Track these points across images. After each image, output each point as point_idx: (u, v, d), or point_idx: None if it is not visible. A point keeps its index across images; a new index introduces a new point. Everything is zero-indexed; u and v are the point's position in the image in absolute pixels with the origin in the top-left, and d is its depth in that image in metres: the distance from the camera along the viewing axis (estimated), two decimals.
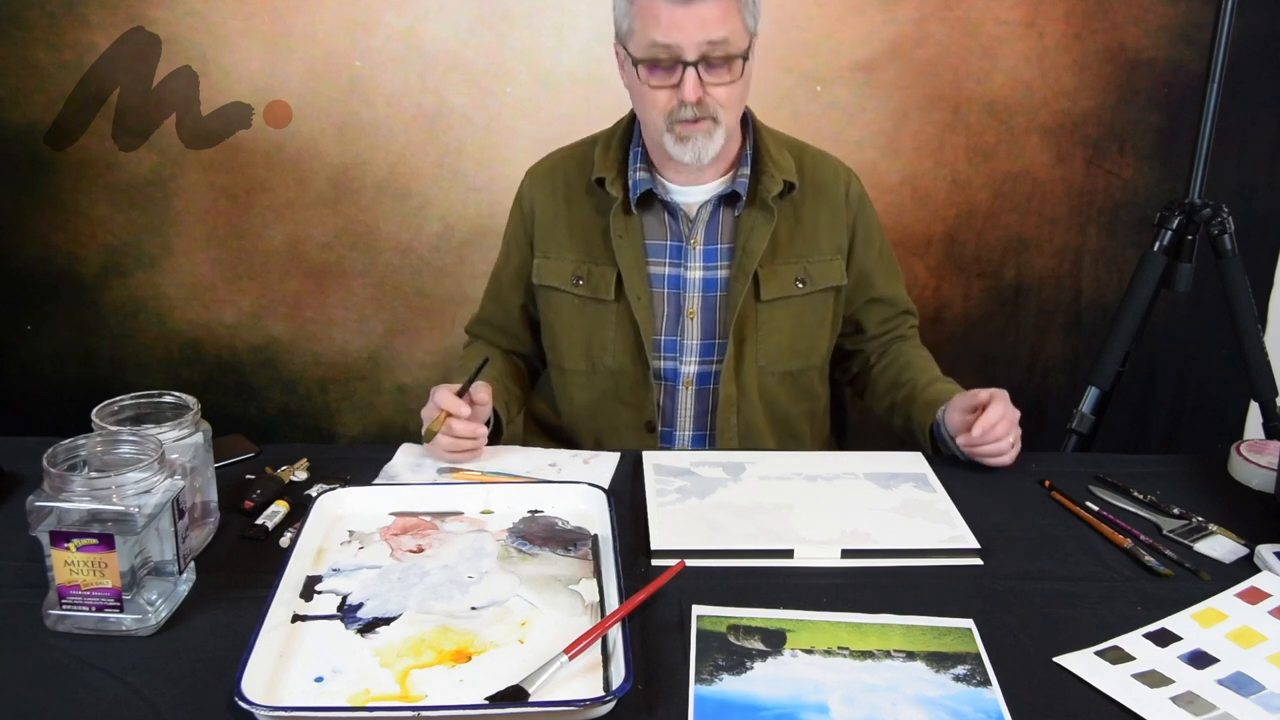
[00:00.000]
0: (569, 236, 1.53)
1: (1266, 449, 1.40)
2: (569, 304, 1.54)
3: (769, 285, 1.49)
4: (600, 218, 1.50)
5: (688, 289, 1.51)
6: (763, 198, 1.47)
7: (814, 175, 1.54)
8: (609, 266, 1.50)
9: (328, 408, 2.62)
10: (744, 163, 1.50)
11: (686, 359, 1.53)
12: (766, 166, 1.48)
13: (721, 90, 1.37)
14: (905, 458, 1.40)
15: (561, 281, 1.53)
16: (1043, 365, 2.61)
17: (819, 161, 1.56)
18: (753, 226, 1.48)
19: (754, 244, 1.47)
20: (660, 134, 1.41)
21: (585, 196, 1.52)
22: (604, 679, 0.94)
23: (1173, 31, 2.37)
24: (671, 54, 1.34)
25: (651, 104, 1.39)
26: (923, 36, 2.37)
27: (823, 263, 1.53)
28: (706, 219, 1.50)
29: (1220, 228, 1.99)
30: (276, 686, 0.92)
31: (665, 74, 1.36)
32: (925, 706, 0.92)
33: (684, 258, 1.51)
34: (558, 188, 1.55)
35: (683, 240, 1.50)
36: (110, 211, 2.46)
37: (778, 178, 1.47)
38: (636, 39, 1.37)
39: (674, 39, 1.33)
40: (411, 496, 1.26)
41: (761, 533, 1.20)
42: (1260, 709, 0.93)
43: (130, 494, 0.98)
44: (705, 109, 1.37)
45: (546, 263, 1.55)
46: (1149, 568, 1.16)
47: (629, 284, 1.48)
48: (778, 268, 1.50)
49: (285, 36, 2.35)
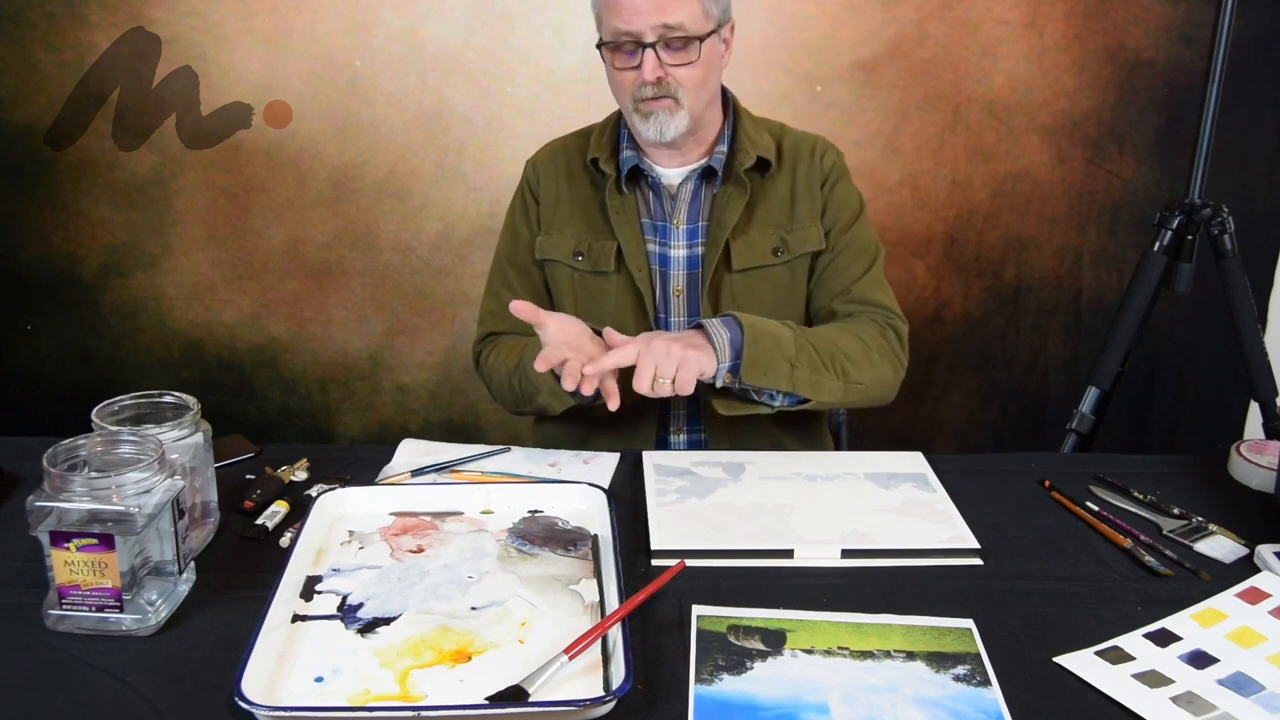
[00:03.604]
0: (570, 213, 1.58)
1: (1266, 449, 1.40)
2: (569, 278, 1.58)
3: (741, 255, 1.53)
4: (598, 193, 1.57)
5: (673, 267, 1.56)
6: (736, 172, 1.52)
7: (792, 150, 1.58)
8: (609, 240, 1.55)
9: (328, 408, 2.62)
10: (722, 141, 1.56)
11: None
12: (742, 143, 1.54)
13: (681, 71, 1.44)
14: (905, 458, 1.40)
15: (562, 255, 1.58)
16: (1043, 365, 2.61)
17: (799, 139, 1.60)
18: (726, 200, 1.53)
19: (726, 216, 1.52)
20: (630, 114, 1.49)
21: (584, 175, 1.59)
22: (604, 679, 0.94)
23: (1173, 31, 2.37)
24: (632, 37, 1.42)
25: (620, 86, 1.48)
26: (923, 36, 2.37)
27: (800, 230, 1.55)
28: (688, 199, 1.55)
29: (1220, 228, 1.99)
30: (276, 686, 0.92)
31: (628, 57, 1.45)
32: (925, 706, 0.92)
33: (669, 237, 1.56)
34: (560, 168, 1.61)
35: (668, 220, 1.55)
36: (110, 211, 2.46)
37: (751, 153, 1.53)
38: (605, 26, 1.46)
39: (633, 25, 1.41)
40: (411, 496, 1.26)
41: (761, 533, 1.20)
42: (1260, 709, 0.93)
43: (130, 494, 0.98)
44: (665, 88, 1.44)
45: (548, 239, 1.59)
46: (1149, 568, 1.16)
47: (629, 255, 1.54)
48: (752, 238, 1.54)
49: (285, 36, 2.35)
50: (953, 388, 2.62)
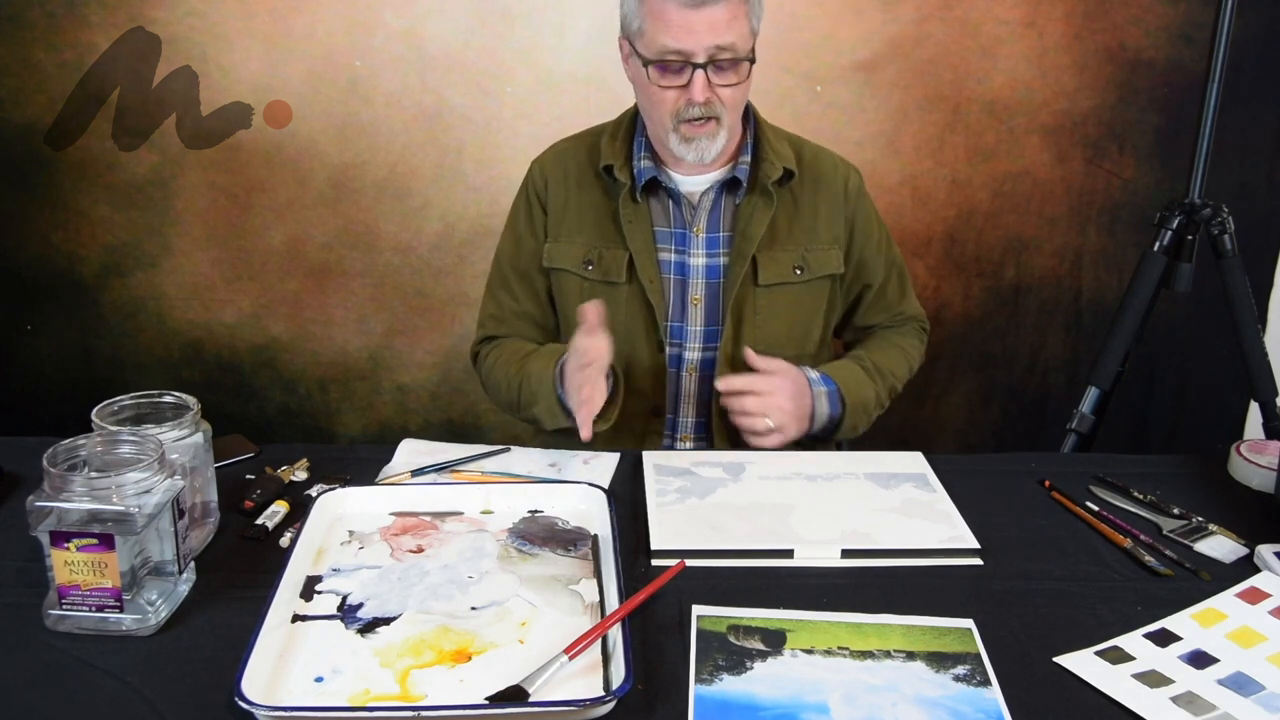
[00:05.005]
0: (579, 220, 1.55)
1: (1266, 449, 1.40)
2: (578, 287, 1.55)
3: (767, 270, 1.52)
4: (610, 202, 1.53)
5: (691, 275, 1.54)
6: (762, 183, 1.50)
7: (813, 166, 1.57)
8: (620, 250, 1.52)
9: (328, 408, 2.62)
10: (745, 151, 1.53)
11: (691, 345, 1.55)
12: (766, 154, 1.52)
13: (727, 91, 1.41)
14: (905, 458, 1.40)
15: (571, 264, 1.55)
16: (1043, 365, 2.61)
17: (818, 154, 1.59)
18: (752, 211, 1.51)
19: (753, 229, 1.50)
20: (666, 132, 1.44)
21: (594, 182, 1.55)
22: (604, 679, 0.94)
23: (1173, 31, 2.37)
24: (682, 57, 1.38)
25: (659, 102, 1.43)
26: (923, 36, 2.37)
27: (820, 251, 1.55)
28: (709, 207, 1.53)
29: (1220, 228, 1.99)
30: (276, 686, 0.92)
31: (674, 75, 1.40)
32: (925, 706, 0.92)
33: (688, 245, 1.53)
34: (569, 173, 1.57)
35: (686, 227, 1.53)
36: (110, 211, 2.46)
37: (777, 164, 1.51)
38: (647, 40, 1.40)
39: (685, 44, 1.36)
40: (411, 496, 1.26)
41: (761, 533, 1.20)
42: (1260, 709, 0.93)
43: (130, 494, 0.98)
44: (711, 109, 1.41)
45: (557, 246, 1.56)
46: (1149, 568, 1.16)
47: (641, 267, 1.51)
48: (776, 254, 1.53)
49: (285, 36, 2.35)
50: (953, 388, 2.62)
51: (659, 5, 1.36)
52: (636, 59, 1.43)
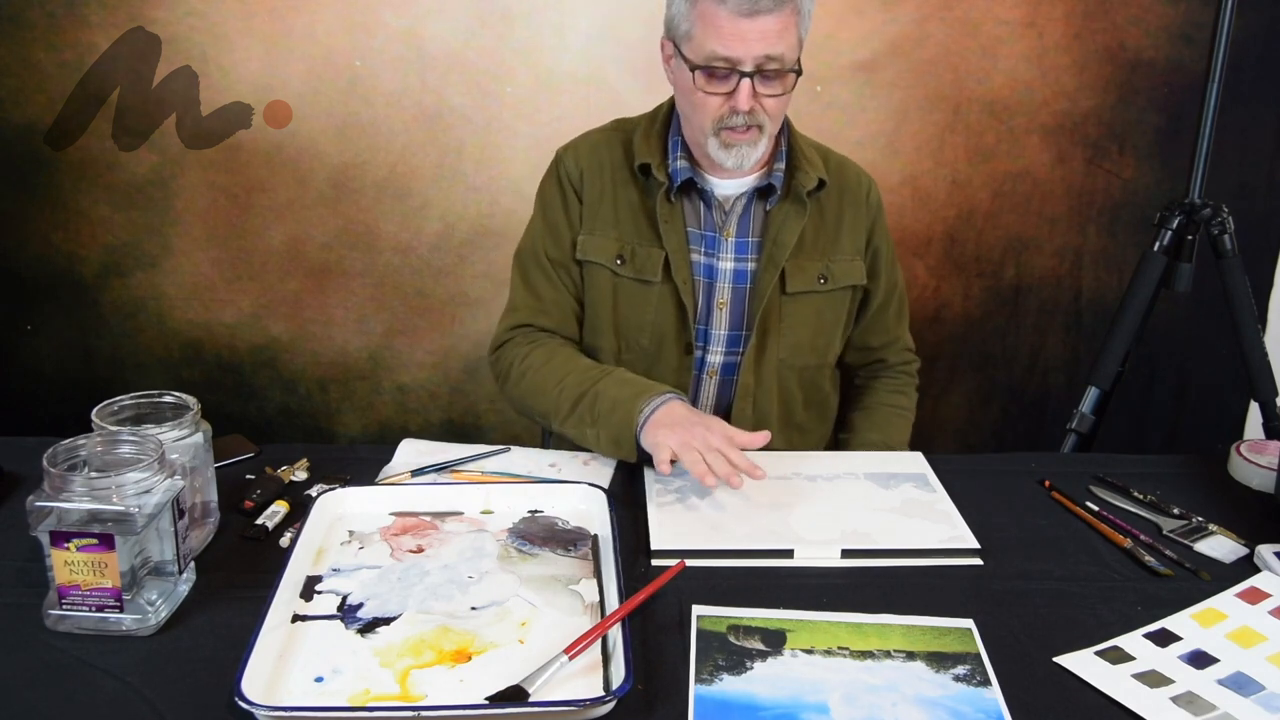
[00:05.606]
0: (613, 215, 1.53)
1: (1266, 449, 1.40)
2: (609, 282, 1.53)
3: (794, 279, 1.52)
4: (644, 199, 1.52)
5: (719, 279, 1.53)
6: (797, 192, 1.50)
7: (839, 176, 1.57)
8: (655, 248, 1.51)
9: (328, 408, 2.62)
10: (779, 158, 1.52)
11: (714, 349, 1.55)
12: (800, 163, 1.51)
13: (771, 101, 1.41)
14: (905, 458, 1.41)
15: (604, 258, 1.53)
16: (1043, 365, 2.61)
17: (843, 164, 1.60)
18: (784, 220, 1.51)
19: (785, 237, 1.50)
20: (706, 136, 1.43)
21: (630, 178, 1.53)
22: (604, 679, 0.94)
23: (1173, 31, 2.37)
24: (730, 64, 1.37)
25: (701, 107, 1.41)
26: (923, 36, 2.37)
27: (844, 262, 1.56)
28: (740, 212, 1.52)
29: (1220, 228, 1.99)
30: (276, 686, 0.92)
31: (720, 81, 1.39)
32: (925, 706, 0.92)
33: (717, 248, 1.53)
34: (604, 166, 1.55)
35: (716, 231, 1.52)
36: (110, 211, 2.46)
37: (812, 174, 1.50)
38: (695, 45, 1.38)
39: (735, 51, 1.35)
40: (411, 496, 1.26)
41: (761, 533, 1.20)
42: (1260, 709, 0.93)
43: (130, 494, 0.98)
44: (754, 118, 1.40)
45: (590, 239, 1.54)
46: (1149, 568, 1.16)
47: (676, 267, 1.50)
48: (803, 263, 1.53)
49: (285, 36, 2.35)
50: (953, 388, 2.62)
51: (711, 11, 1.35)
52: (681, 62, 1.41)
